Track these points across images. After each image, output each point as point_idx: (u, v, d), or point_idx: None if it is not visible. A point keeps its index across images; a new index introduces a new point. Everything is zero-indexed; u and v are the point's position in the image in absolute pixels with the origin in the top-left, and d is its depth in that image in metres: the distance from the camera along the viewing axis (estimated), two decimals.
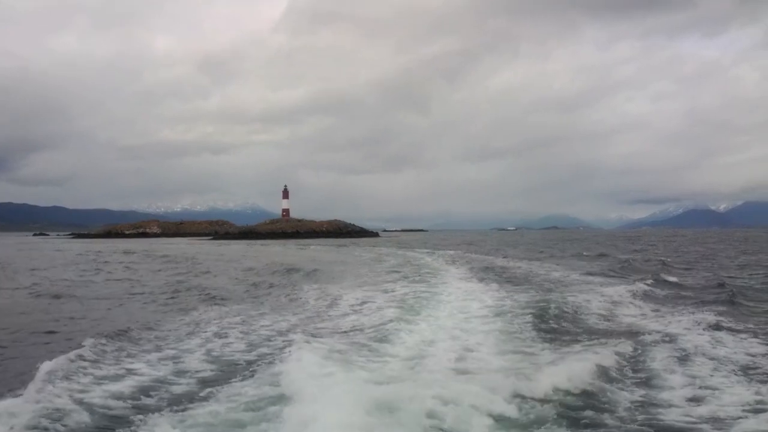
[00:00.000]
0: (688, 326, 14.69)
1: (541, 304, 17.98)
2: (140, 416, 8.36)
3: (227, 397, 9.26)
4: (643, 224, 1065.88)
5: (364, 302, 19.73)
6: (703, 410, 8.54)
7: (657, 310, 17.68)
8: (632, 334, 13.86)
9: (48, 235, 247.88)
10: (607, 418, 8.22)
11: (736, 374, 10.24)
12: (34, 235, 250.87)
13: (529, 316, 16.19)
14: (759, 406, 8.56)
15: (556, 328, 14.74)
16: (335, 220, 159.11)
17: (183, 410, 8.64)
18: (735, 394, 9.16)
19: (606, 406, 8.75)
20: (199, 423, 8.12)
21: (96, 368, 10.94)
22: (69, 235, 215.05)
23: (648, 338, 13.23)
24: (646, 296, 20.58)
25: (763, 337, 13.66)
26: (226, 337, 14.06)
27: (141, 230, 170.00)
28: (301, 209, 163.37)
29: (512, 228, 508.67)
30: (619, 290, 21.48)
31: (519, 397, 8.82)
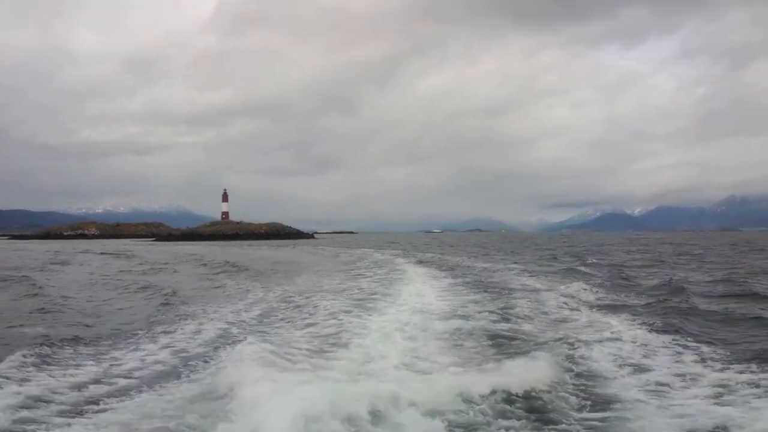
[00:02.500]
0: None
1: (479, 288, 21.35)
2: (71, 417, 8.48)
3: (166, 400, 9.21)
4: (562, 227, 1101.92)
5: (318, 300, 20.25)
6: (655, 407, 8.76)
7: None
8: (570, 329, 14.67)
9: None
10: (557, 418, 8.41)
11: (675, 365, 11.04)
12: None
13: (485, 312, 16.90)
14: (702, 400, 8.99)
15: (508, 328, 14.82)
16: (273, 222, 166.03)
17: (114, 411, 8.72)
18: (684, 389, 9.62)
19: (556, 406, 8.91)
20: (135, 426, 8.06)
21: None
22: (3, 236, 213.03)
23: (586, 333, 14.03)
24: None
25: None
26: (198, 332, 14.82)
27: (79, 231, 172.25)
28: (230, 211, 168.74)
29: (438, 230, 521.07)
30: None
31: (467, 398, 8.87)
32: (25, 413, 8.47)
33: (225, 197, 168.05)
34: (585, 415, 8.58)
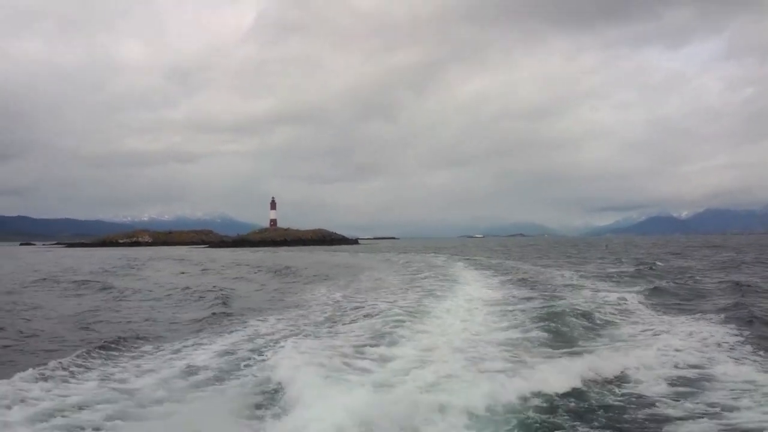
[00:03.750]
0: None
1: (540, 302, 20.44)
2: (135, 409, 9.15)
3: (218, 399, 9.74)
4: (607, 231, 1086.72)
5: (374, 302, 21.61)
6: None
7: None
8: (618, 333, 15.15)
9: (34, 244, 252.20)
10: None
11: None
12: (21, 245, 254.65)
13: (534, 318, 17.18)
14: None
15: (557, 328, 15.41)
16: (319, 229, 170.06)
17: (168, 411, 9.09)
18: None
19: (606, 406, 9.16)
20: (187, 425, 8.43)
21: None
22: (55, 244, 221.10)
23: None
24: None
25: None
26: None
27: (134, 239, 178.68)
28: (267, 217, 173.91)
29: (480, 235, 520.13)
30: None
31: (521, 398, 9.15)
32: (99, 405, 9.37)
33: (273, 205, 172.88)
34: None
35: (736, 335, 14.28)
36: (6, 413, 8.71)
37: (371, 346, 13.49)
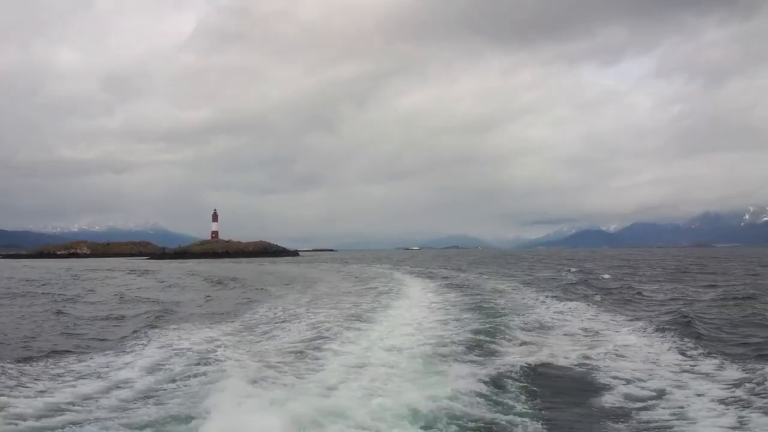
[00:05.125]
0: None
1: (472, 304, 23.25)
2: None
3: (143, 412, 9.53)
4: (538, 244, 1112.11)
5: (314, 312, 22.48)
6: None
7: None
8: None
9: None
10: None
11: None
12: None
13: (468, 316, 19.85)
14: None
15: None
16: (260, 240, 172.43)
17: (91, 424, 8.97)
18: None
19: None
20: None
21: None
22: None
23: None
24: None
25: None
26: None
27: (72, 251, 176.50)
28: (208, 229, 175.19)
29: (416, 248, 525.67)
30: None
31: (451, 402, 9.53)
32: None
33: (215, 217, 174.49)
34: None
35: (673, 338, 15.56)
36: None
37: (306, 354, 14.08)
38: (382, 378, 11.39)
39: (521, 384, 11.09)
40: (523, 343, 15.44)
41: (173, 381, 11.68)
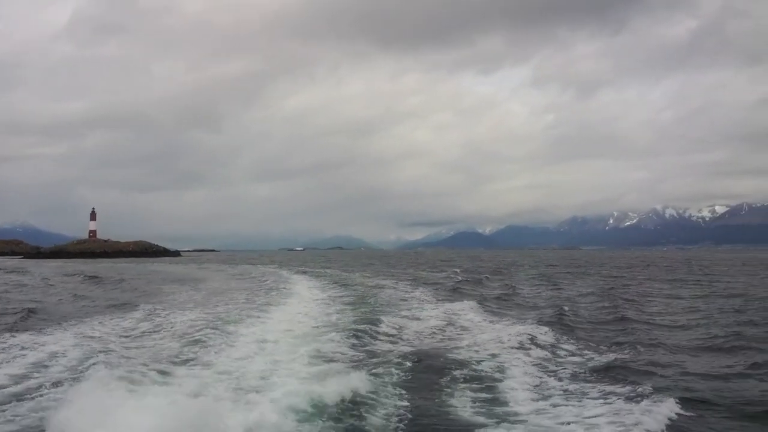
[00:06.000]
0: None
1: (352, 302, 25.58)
2: None
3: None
4: (418, 245, 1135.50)
5: (185, 314, 21.77)
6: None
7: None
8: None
9: None
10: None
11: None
12: None
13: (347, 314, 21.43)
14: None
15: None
16: (141, 240, 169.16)
17: None
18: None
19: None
20: None
21: None
22: None
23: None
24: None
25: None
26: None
27: None
28: (83, 227, 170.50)
29: (300, 248, 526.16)
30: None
31: (319, 408, 9.46)
32: None
33: (93, 216, 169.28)
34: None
35: (550, 333, 17.10)
36: None
37: (184, 356, 13.91)
38: (267, 372, 12.09)
39: (397, 371, 12.50)
40: (399, 335, 17.34)
41: (38, 387, 11.23)
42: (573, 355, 14.71)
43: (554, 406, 10.29)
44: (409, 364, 13.28)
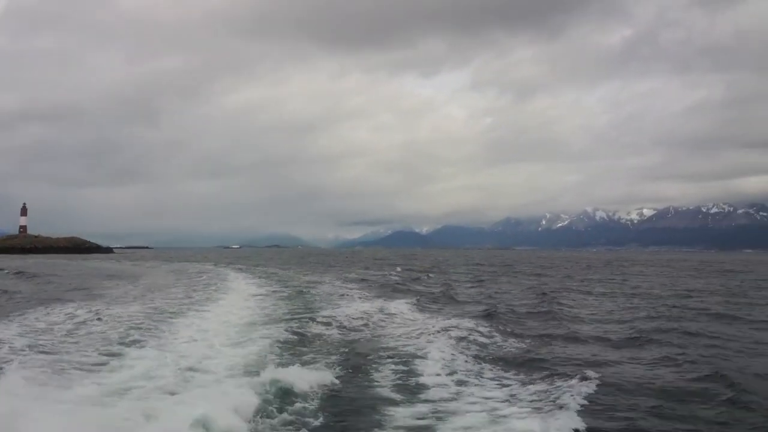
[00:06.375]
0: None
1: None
2: None
3: None
4: (356, 244, 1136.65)
5: (128, 310, 21.38)
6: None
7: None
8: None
9: None
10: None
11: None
12: None
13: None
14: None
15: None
16: (73, 236, 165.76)
17: None
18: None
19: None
20: None
21: None
22: None
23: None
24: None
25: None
26: None
27: None
28: (14, 223, 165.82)
29: (236, 246, 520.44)
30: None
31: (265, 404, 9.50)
32: None
33: (24, 211, 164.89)
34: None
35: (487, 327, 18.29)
36: None
37: (108, 355, 13.41)
38: (201, 366, 12.24)
39: (327, 358, 13.67)
40: (332, 326, 18.32)
41: None
42: (495, 344, 16.04)
43: (463, 384, 11.44)
44: (339, 350, 14.58)
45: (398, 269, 60.65)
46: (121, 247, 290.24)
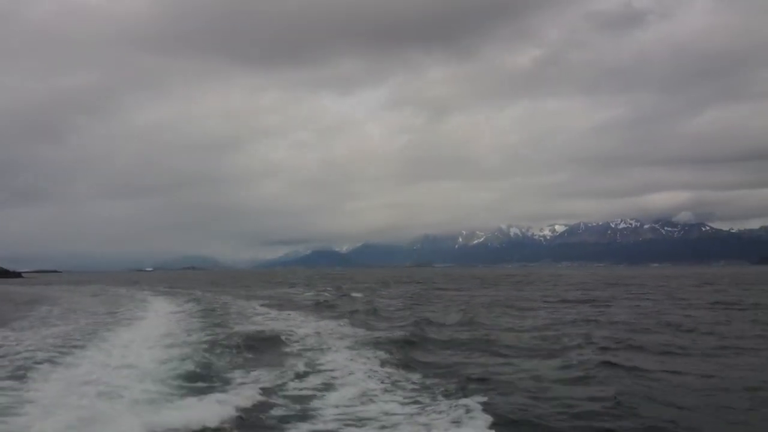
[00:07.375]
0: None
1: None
2: None
3: None
4: (276, 264, 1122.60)
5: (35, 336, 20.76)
6: None
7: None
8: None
9: None
10: None
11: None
12: None
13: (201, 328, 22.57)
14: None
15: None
16: None
17: None
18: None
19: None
20: None
21: None
22: None
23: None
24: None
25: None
26: None
27: None
28: None
29: (150, 269, 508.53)
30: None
31: None
32: None
33: None
34: None
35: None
36: None
37: (13, 380, 12.98)
38: (118, 386, 12.24)
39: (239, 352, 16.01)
40: (247, 341, 18.93)
41: None
42: (410, 357, 16.46)
43: (371, 396, 11.95)
44: (248, 373, 14.56)
45: (313, 288, 62.17)
46: (28, 272, 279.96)
